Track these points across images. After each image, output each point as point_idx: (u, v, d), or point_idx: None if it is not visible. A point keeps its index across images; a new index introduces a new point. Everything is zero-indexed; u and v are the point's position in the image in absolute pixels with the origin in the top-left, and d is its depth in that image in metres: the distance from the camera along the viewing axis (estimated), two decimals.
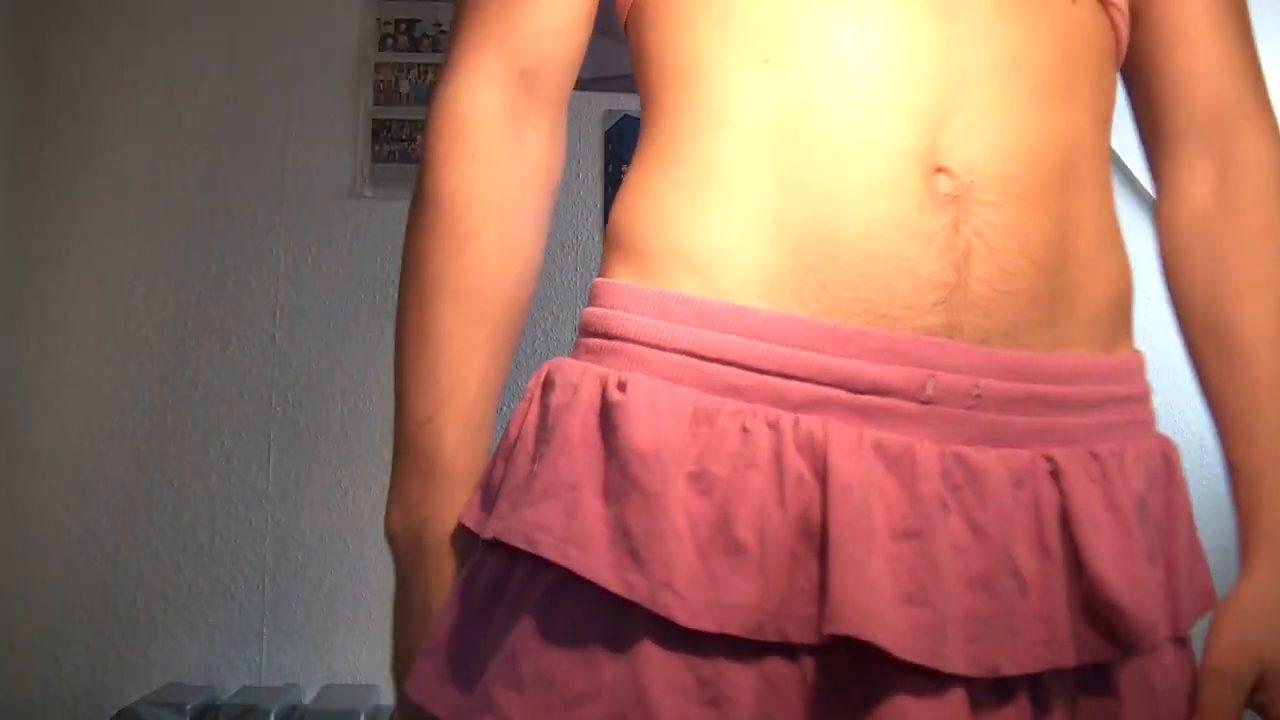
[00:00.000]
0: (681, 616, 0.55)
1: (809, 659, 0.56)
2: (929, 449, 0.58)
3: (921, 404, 0.59)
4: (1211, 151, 0.72)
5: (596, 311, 0.65)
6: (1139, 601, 0.58)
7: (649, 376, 0.59)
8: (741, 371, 0.59)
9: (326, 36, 2.24)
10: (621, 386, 0.59)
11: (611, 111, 2.27)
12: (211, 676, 2.08)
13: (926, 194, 0.60)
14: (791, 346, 0.58)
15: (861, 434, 0.57)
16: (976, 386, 0.59)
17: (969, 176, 0.60)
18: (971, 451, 0.59)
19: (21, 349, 2.12)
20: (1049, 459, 0.60)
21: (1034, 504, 0.59)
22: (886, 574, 0.55)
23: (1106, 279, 0.66)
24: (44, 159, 2.16)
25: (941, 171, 0.60)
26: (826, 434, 0.57)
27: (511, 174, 0.68)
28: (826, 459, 0.56)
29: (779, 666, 0.56)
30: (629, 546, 0.56)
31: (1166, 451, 0.67)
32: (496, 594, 0.62)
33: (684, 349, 0.60)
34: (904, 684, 0.54)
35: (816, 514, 0.56)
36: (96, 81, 2.18)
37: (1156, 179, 0.76)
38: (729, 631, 0.55)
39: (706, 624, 0.55)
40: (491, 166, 0.67)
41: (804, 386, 0.58)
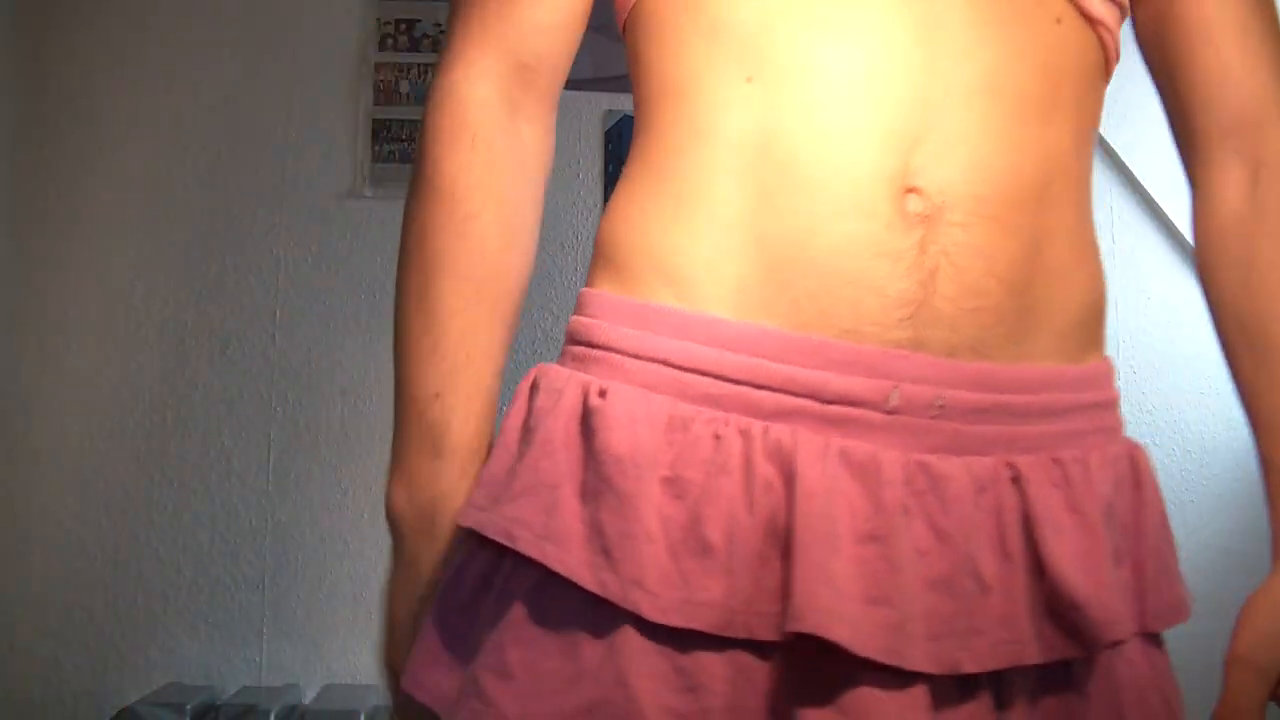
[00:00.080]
0: (651, 613, 0.57)
1: (778, 653, 0.58)
2: (893, 457, 0.60)
3: (887, 414, 0.61)
4: (1243, 154, 0.73)
5: (581, 320, 0.67)
6: (1099, 600, 0.60)
7: (628, 385, 0.62)
8: (716, 381, 0.61)
9: (326, 36, 2.24)
10: (602, 394, 0.61)
11: (611, 111, 2.27)
12: (211, 676, 2.08)
13: (896, 214, 0.61)
14: (763, 358, 0.61)
15: (828, 443, 0.59)
16: (940, 397, 0.61)
17: (940, 197, 0.62)
18: (935, 459, 0.61)
19: (21, 349, 2.12)
20: (1011, 466, 0.62)
21: (996, 509, 0.61)
22: (849, 576, 0.57)
23: (1077, 293, 0.67)
24: (44, 159, 2.16)
25: (913, 192, 0.62)
26: (795, 442, 0.59)
27: (509, 161, 0.70)
28: (794, 466, 0.59)
29: (750, 659, 0.58)
30: (603, 545, 0.58)
31: (1134, 455, 0.68)
32: (485, 588, 0.64)
33: (662, 359, 0.62)
34: (867, 679, 0.57)
35: (782, 518, 0.59)
36: (96, 81, 2.18)
37: (1191, 181, 0.77)
38: (697, 627, 0.58)
39: (676, 620, 0.57)
40: (490, 153, 0.69)
41: (775, 396, 0.60)
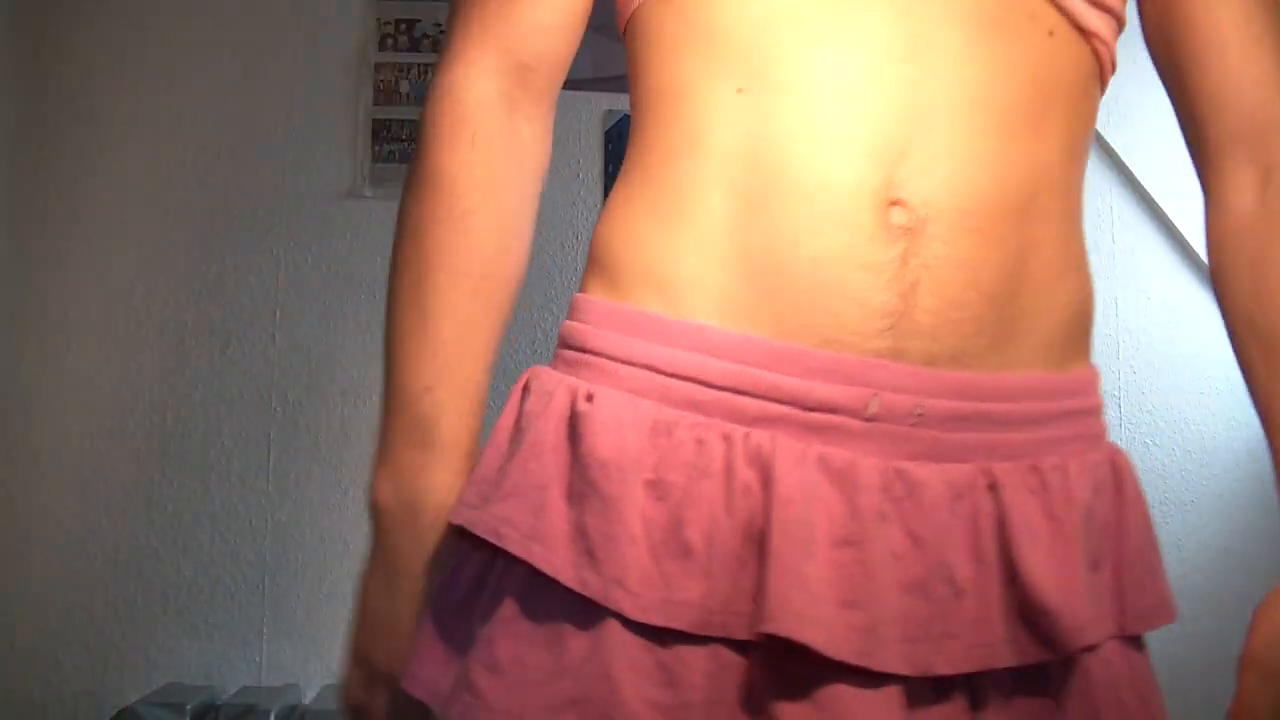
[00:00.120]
0: (632, 611, 0.59)
1: (757, 650, 0.60)
2: (871, 464, 0.61)
3: (866, 421, 0.62)
4: (1253, 161, 0.73)
5: (572, 325, 0.68)
6: (1070, 606, 0.61)
7: (615, 390, 0.63)
8: (700, 387, 0.62)
9: (326, 36, 2.24)
10: (589, 398, 0.63)
11: (611, 111, 2.27)
12: (211, 676, 2.08)
13: (879, 227, 0.62)
14: (746, 365, 0.62)
15: (807, 449, 0.61)
16: (919, 406, 0.62)
17: (924, 210, 0.63)
18: (913, 466, 0.62)
19: (21, 349, 2.13)
20: (988, 473, 0.63)
21: (972, 515, 0.62)
22: (823, 579, 0.58)
23: (1062, 303, 0.68)
24: (44, 159, 2.16)
25: (897, 204, 0.63)
26: (774, 448, 0.61)
27: (508, 159, 0.71)
28: (772, 471, 0.60)
29: (729, 654, 0.60)
30: (587, 546, 0.60)
31: (1116, 460, 0.69)
32: (479, 587, 0.65)
33: (648, 364, 0.63)
34: (841, 679, 0.58)
35: (759, 522, 0.60)
36: (96, 81, 2.18)
37: (1203, 186, 0.77)
38: (676, 626, 0.59)
39: (656, 619, 0.59)
40: (489, 151, 0.70)
41: (757, 403, 0.62)
